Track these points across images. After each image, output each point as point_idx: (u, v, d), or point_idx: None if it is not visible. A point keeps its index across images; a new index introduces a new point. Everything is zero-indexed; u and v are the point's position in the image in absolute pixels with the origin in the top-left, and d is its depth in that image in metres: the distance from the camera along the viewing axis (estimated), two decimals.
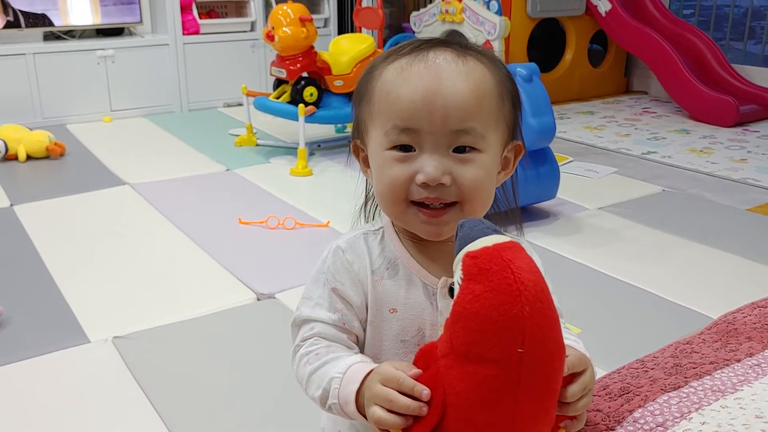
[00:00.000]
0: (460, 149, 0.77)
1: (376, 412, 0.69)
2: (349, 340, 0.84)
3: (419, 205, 0.78)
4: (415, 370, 0.70)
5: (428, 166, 0.76)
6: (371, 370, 0.74)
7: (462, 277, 0.68)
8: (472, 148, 0.78)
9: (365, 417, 0.73)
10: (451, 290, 0.70)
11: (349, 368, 0.76)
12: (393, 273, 0.83)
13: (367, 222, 0.94)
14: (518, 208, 0.95)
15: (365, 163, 0.87)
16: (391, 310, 0.83)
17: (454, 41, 0.83)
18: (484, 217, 0.85)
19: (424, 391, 0.67)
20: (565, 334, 0.86)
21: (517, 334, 0.64)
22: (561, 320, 0.89)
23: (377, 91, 0.80)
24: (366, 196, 0.96)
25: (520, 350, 0.64)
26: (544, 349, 0.66)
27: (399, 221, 0.83)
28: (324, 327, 0.82)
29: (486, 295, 0.65)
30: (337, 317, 0.83)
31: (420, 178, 0.76)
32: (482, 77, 0.79)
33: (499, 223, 0.91)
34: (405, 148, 0.78)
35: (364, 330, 0.85)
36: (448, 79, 0.76)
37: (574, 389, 0.73)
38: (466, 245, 0.69)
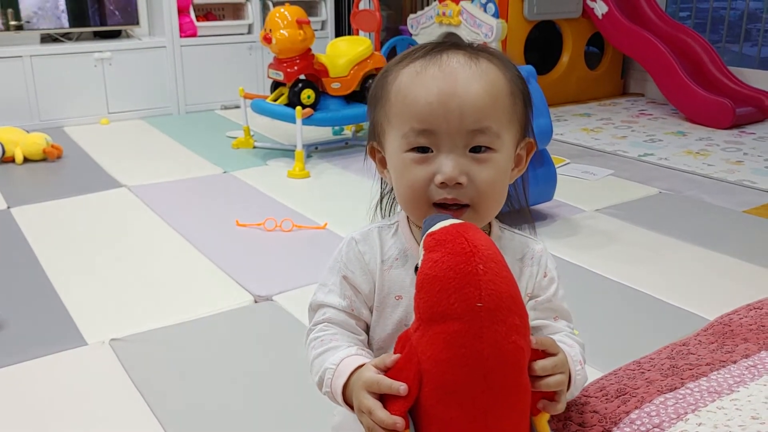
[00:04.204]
0: (476, 149, 0.80)
1: (365, 420, 0.75)
2: (357, 326, 0.90)
3: (439, 206, 0.82)
4: (394, 356, 0.76)
5: (446, 166, 0.79)
6: (358, 366, 0.79)
7: (423, 253, 0.74)
8: (488, 148, 0.81)
9: (353, 408, 0.79)
10: (416, 269, 0.75)
11: (341, 361, 0.82)
12: (402, 262, 0.89)
13: (384, 218, 0.99)
14: (528, 207, 0.99)
15: (382, 164, 0.91)
16: (397, 297, 0.88)
17: (464, 44, 0.86)
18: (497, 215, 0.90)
19: (401, 387, 0.72)
20: (563, 338, 0.88)
21: (474, 288, 0.69)
22: (568, 324, 0.92)
23: (393, 94, 0.83)
24: (381, 194, 1.00)
25: (478, 304, 0.69)
26: (501, 304, 0.70)
27: (419, 221, 0.87)
28: (334, 312, 0.89)
29: (443, 259, 0.71)
30: (346, 303, 0.89)
31: (438, 178, 0.79)
32: (495, 77, 0.82)
33: (510, 222, 0.95)
34: (423, 149, 0.81)
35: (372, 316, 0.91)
36: (463, 80, 0.79)
37: (544, 363, 0.76)
38: (427, 232, 0.76)
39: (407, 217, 0.90)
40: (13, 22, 3.76)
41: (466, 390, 0.69)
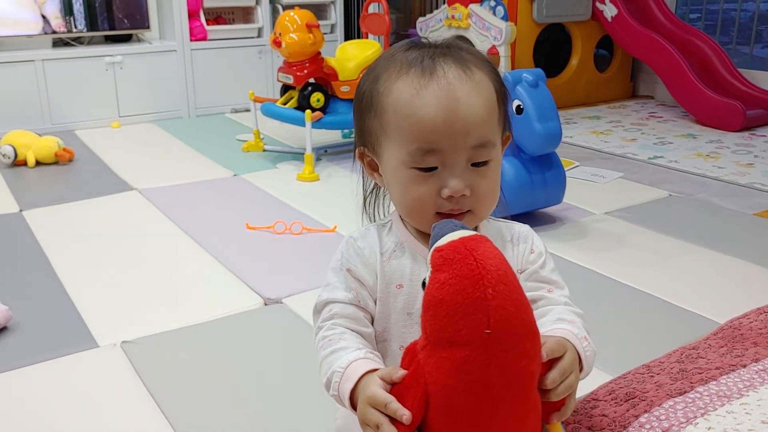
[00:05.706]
0: (477, 163, 0.85)
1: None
2: (365, 319, 0.93)
3: (440, 213, 0.86)
4: (401, 372, 0.76)
5: (453, 181, 0.84)
6: (367, 372, 0.80)
7: (430, 270, 0.73)
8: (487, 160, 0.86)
9: None
10: (424, 284, 0.74)
11: (349, 365, 0.83)
12: (400, 253, 0.93)
13: (371, 218, 1.05)
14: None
15: (371, 168, 0.95)
16: (398, 286, 0.92)
17: (444, 44, 0.88)
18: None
19: (405, 416, 0.72)
20: (562, 313, 0.88)
21: (482, 315, 0.68)
22: (562, 292, 0.92)
23: (391, 108, 0.86)
24: (364, 196, 1.04)
25: (487, 331, 0.67)
26: (510, 330, 0.69)
27: (421, 228, 0.91)
28: (341, 306, 0.92)
29: (450, 282, 0.69)
30: (352, 296, 0.92)
31: (446, 192, 0.84)
32: (488, 88, 0.86)
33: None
34: (429, 167, 0.85)
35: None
36: (463, 99, 0.83)
37: (553, 375, 0.77)
38: (435, 243, 0.75)
39: (400, 215, 0.94)
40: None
41: (474, 414, 0.69)
